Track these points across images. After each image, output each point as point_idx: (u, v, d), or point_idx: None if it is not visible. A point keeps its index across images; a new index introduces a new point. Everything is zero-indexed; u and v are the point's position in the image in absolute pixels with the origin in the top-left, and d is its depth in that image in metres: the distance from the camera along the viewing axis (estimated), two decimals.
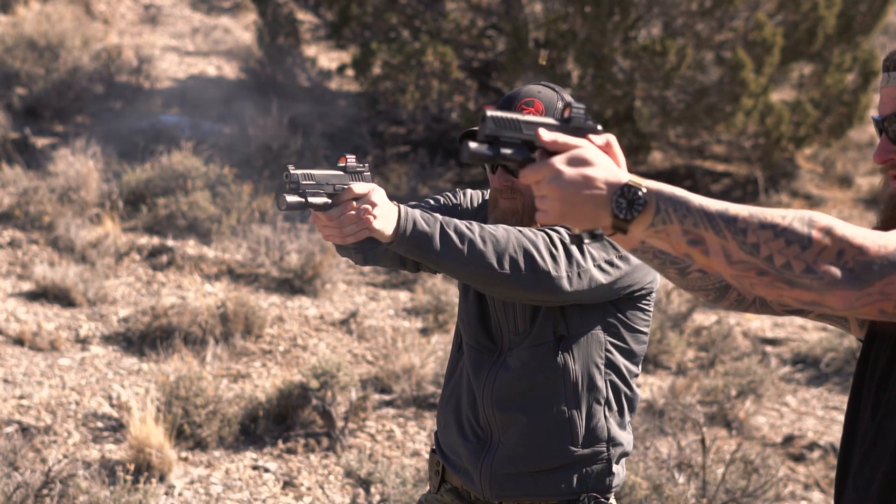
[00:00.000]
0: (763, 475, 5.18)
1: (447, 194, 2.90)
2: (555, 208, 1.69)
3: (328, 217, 2.38)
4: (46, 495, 4.74)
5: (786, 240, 1.67)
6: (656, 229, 1.69)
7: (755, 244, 1.67)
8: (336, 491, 5.12)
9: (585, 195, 1.68)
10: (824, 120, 10.23)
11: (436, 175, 9.93)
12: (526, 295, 2.52)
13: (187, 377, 5.51)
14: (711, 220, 1.67)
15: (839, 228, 1.67)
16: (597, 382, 2.69)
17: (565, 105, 1.75)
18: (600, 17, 9.41)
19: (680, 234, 1.69)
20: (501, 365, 2.72)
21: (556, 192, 1.68)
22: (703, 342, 7.02)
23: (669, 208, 1.68)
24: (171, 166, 8.32)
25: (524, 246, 2.47)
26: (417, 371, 6.06)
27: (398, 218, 2.41)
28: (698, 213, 1.68)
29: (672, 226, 1.69)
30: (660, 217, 1.68)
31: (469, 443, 2.78)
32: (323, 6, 11.31)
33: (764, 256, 1.67)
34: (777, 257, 1.67)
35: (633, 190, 1.67)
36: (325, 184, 2.38)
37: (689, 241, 1.69)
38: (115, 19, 13.10)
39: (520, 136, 1.71)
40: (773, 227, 1.67)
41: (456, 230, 2.44)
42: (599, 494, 2.72)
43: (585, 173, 1.68)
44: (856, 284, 1.67)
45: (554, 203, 1.69)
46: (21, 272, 7.18)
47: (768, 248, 1.67)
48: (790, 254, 1.67)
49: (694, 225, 1.68)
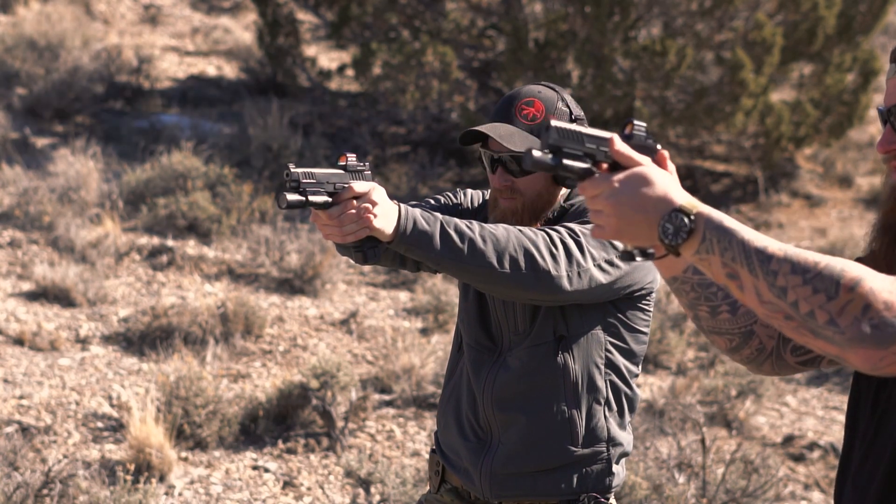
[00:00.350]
0: (763, 475, 5.18)
1: (447, 194, 2.90)
2: (611, 224, 1.72)
3: (328, 216, 2.38)
4: (46, 495, 4.74)
5: (813, 287, 1.63)
6: (700, 257, 1.71)
7: (783, 288, 1.65)
8: (336, 491, 5.12)
9: (640, 216, 1.71)
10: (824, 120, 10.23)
11: (436, 175, 9.93)
12: (526, 294, 2.52)
13: (187, 377, 5.51)
14: (748, 256, 1.67)
15: (868, 281, 1.62)
16: (597, 382, 2.69)
17: (626, 121, 1.78)
18: (600, 17, 9.41)
19: (720, 266, 1.70)
20: (501, 365, 2.72)
21: (613, 209, 1.71)
22: (703, 342, 7.02)
23: (714, 238, 1.69)
24: (171, 166, 8.31)
25: (524, 245, 2.47)
26: (417, 371, 6.06)
27: (398, 217, 2.41)
28: (738, 247, 1.68)
29: (713, 256, 1.70)
30: (704, 246, 1.70)
31: (469, 443, 2.78)
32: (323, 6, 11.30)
33: (790, 301, 1.65)
34: (802, 304, 1.64)
35: (681, 216, 1.69)
36: (326, 182, 2.38)
37: (727, 274, 1.70)
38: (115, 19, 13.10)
39: (581, 149, 1.74)
40: (803, 272, 1.64)
41: (456, 229, 2.44)
42: (599, 494, 2.72)
43: (642, 192, 1.71)
44: (880, 343, 1.61)
45: (610, 219, 1.72)
46: (21, 272, 7.18)
47: (795, 293, 1.64)
48: (815, 302, 1.63)
49: (732, 259, 1.68)
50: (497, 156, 2.68)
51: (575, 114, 2.72)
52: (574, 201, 2.73)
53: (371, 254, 2.46)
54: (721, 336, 2.01)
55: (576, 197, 2.74)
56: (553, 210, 2.71)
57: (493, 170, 2.70)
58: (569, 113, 2.71)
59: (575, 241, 2.53)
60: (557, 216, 2.71)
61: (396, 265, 2.79)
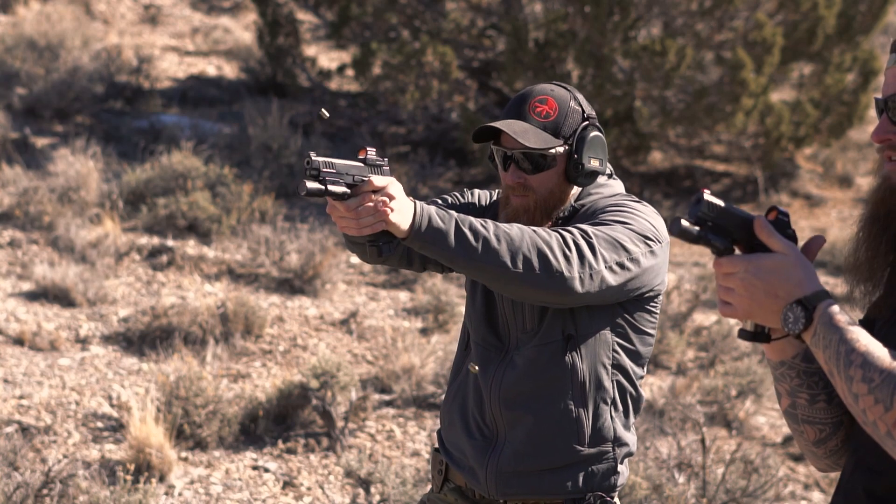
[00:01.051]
0: (763, 475, 5.18)
1: (454, 194, 2.90)
2: (742, 305, 1.81)
3: (346, 207, 2.38)
4: (46, 495, 4.74)
5: (875, 398, 1.69)
6: (814, 349, 1.78)
7: (856, 395, 1.72)
8: (336, 491, 5.12)
9: (770, 301, 1.79)
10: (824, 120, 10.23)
11: (436, 175, 9.93)
12: (537, 295, 2.52)
13: (187, 377, 5.51)
14: (839, 358, 1.74)
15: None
16: (604, 382, 2.69)
17: (770, 209, 1.86)
18: (600, 16, 9.41)
19: (823, 362, 1.77)
20: (508, 363, 2.72)
21: (745, 290, 1.80)
22: (704, 342, 7.02)
23: (822, 334, 1.76)
24: (171, 166, 8.31)
25: (538, 246, 2.47)
26: (417, 371, 6.06)
27: (414, 213, 2.41)
28: (835, 349, 1.74)
29: (818, 351, 1.77)
30: (815, 340, 1.77)
31: (475, 441, 2.77)
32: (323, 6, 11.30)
33: (861, 409, 1.72)
34: (869, 413, 1.71)
35: (799, 308, 1.77)
36: (345, 174, 2.38)
37: (828, 371, 1.77)
38: (115, 19, 13.10)
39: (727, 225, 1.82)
40: (869, 381, 1.70)
41: (471, 227, 2.44)
42: (605, 493, 2.72)
43: (775, 280, 1.78)
44: None
45: (742, 300, 1.80)
46: (21, 272, 7.18)
47: (863, 402, 1.71)
48: (876, 413, 1.69)
49: (828, 360, 1.75)
50: (510, 152, 2.67)
51: (587, 112, 2.71)
52: (585, 201, 2.72)
53: (386, 248, 2.46)
54: (813, 426, 2.02)
55: (586, 197, 2.73)
56: (564, 209, 2.71)
57: (506, 167, 2.69)
58: (581, 112, 2.70)
59: (587, 242, 2.52)
60: (568, 215, 2.71)
61: (404, 264, 2.78)
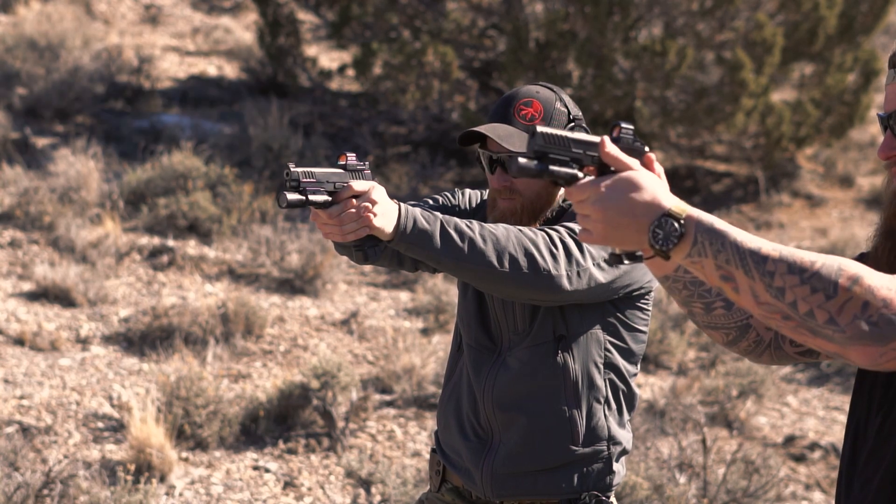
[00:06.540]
0: (764, 475, 5.17)
1: (445, 194, 2.90)
2: (598, 230, 1.71)
3: (328, 215, 2.38)
4: (47, 495, 4.74)
5: (811, 287, 1.63)
6: (692, 260, 1.69)
7: (781, 288, 1.64)
8: (337, 491, 5.12)
9: (627, 220, 1.69)
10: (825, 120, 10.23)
11: (436, 175, 9.93)
12: (526, 294, 2.52)
13: (188, 377, 5.51)
14: (742, 258, 1.66)
15: (867, 279, 1.63)
16: (596, 381, 2.69)
17: (614, 125, 1.76)
18: (600, 17, 9.41)
19: (713, 269, 1.68)
20: (501, 365, 2.72)
21: (600, 214, 1.70)
22: (704, 342, 7.02)
23: (706, 241, 1.68)
24: (172, 166, 8.31)
25: (524, 245, 2.47)
26: (418, 371, 6.06)
27: (398, 216, 2.41)
28: (732, 249, 1.66)
29: (706, 259, 1.68)
30: (696, 249, 1.68)
31: (470, 442, 2.78)
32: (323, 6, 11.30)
33: (788, 302, 1.65)
34: (801, 304, 1.64)
35: (670, 221, 1.68)
36: (326, 182, 2.38)
37: (721, 276, 1.69)
38: (115, 19, 13.10)
39: (568, 154, 1.73)
40: (800, 272, 1.64)
41: (456, 228, 2.44)
42: (600, 493, 2.72)
43: (630, 197, 1.69)
44: (879, 340, 1.62)
45: (597, 225, 1.71)
46: (21, 272, 7.18)
47: (793, 293, 1.64)
48: (814, 302, 1.63)
49: (726, 261, 1.67)
50: (496, 156, 2.67)
51: (573, 114, 2.71)
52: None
53: (372, 252, 2.46)
54: (717, 330, 2.01)
55: None
56: (552, 210, 2.71)
57: (492, 170, 2.70)
58: (567, 113, 2.70)
59: (574, 240, 2.53)
60: (556, 216, 2.71)
61: (395, 265, 2.78)
